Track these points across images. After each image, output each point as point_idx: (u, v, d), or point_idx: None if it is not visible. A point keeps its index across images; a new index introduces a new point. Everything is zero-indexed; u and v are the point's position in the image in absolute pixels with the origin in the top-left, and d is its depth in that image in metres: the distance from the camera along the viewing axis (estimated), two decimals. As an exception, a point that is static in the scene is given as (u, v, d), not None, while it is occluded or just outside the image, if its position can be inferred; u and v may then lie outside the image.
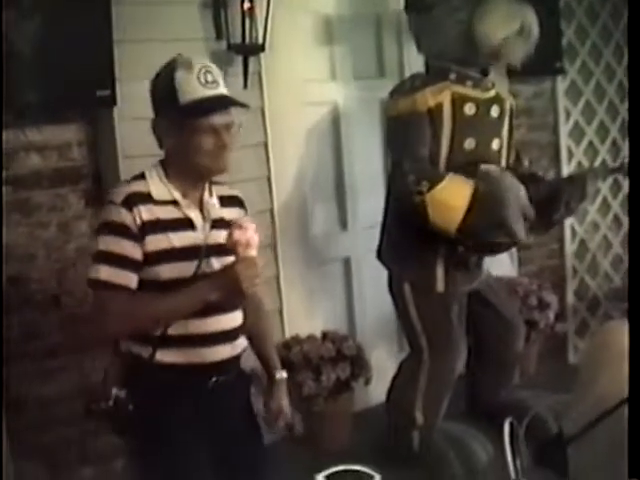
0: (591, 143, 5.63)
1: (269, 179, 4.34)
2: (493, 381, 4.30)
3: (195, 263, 2.45)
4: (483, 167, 3.73)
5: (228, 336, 2.56)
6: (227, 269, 2.40)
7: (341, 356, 4.23)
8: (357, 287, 4.80)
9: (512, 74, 4.62)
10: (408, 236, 3.89)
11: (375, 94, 4.65)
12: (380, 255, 4.11)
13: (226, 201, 2.61)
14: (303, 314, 4.48)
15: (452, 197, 3.62)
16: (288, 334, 4.39)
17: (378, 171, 4.73)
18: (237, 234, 2.37)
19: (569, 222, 5.50)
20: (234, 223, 2.43)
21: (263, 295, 2.83)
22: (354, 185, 4.73)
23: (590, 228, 5.66)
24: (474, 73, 3.84)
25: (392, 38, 4.80)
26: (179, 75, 2.42)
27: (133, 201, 2.41)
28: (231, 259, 2.43)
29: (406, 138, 3.74)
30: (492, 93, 3.90)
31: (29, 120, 3.59)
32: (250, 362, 2.81)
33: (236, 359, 2.62)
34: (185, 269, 2.45)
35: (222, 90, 2.48)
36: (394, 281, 4.05)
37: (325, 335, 4.36)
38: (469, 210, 3.58)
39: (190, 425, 2.49)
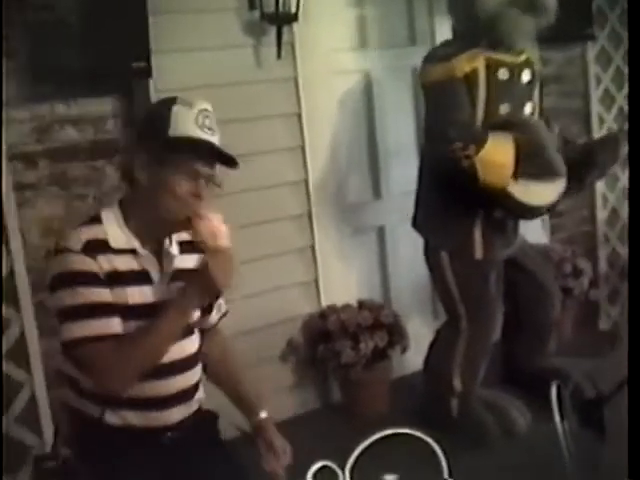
0: (622, 109, 5.55)
1: (303, 149, 4.33)
2: (530, 348, 4.29)
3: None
4: (517, 118, 3.79)
5: (185, 396, 2.37)
6: (199, 268, 2.21)
7: (378, 324, 4.23)
8: (392, 255, 4.79)
9: (542, 40, 4.59)
10: (444, 204, 3.89)
11: (406, 62, 4.62)
12: (415, 224, 4.10)
13: (186, 247, 2.36)
14: (339, 283, 4.48)
15: (499, 154, 3.65)
16: (324, 303, 4.40)
17: (410, 139, 4.72)
18: (201, 226, 2.19)
19: (600, 189, 5.48)
20: (195, 215, 2.21)
21: (225, 329, 2.64)
22: (387, 153, 4.71)
23: (621, 195, 5.59)
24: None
25: (423, 5, 4.76)
26: (177, 109, 2.21)
27: (92, 249, 2.16)
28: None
29: (446, 105, 3.72)
30: (523, 57, 3.87)
31: (64, 93, 3.59)
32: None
33: (193, 415, 2.42)
34: None
35: (217, 140, 2.25)
36: (430, 249, 4.04)
37: (362, 304, 4.37)
38: (516, 161, 3.64)
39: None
